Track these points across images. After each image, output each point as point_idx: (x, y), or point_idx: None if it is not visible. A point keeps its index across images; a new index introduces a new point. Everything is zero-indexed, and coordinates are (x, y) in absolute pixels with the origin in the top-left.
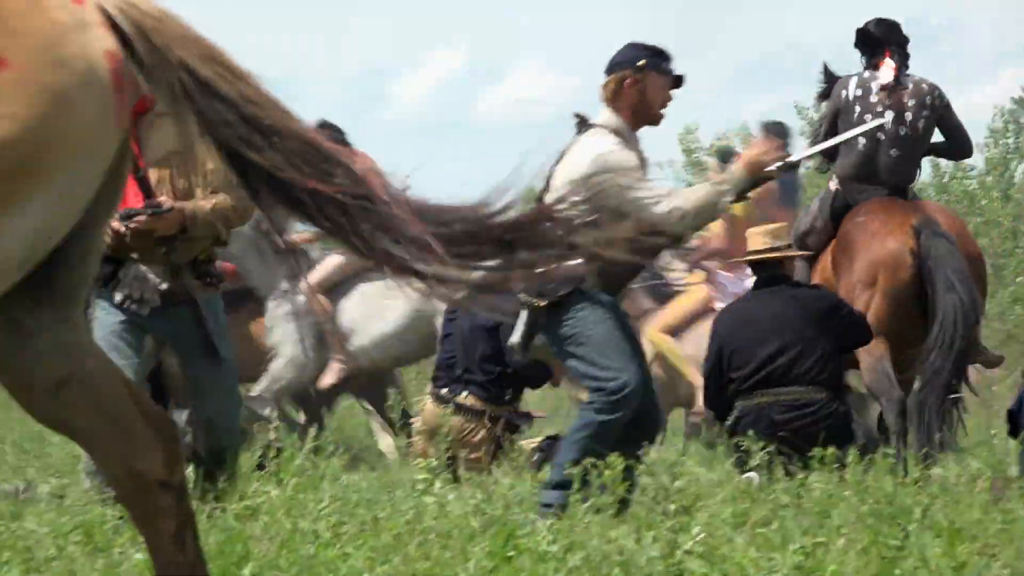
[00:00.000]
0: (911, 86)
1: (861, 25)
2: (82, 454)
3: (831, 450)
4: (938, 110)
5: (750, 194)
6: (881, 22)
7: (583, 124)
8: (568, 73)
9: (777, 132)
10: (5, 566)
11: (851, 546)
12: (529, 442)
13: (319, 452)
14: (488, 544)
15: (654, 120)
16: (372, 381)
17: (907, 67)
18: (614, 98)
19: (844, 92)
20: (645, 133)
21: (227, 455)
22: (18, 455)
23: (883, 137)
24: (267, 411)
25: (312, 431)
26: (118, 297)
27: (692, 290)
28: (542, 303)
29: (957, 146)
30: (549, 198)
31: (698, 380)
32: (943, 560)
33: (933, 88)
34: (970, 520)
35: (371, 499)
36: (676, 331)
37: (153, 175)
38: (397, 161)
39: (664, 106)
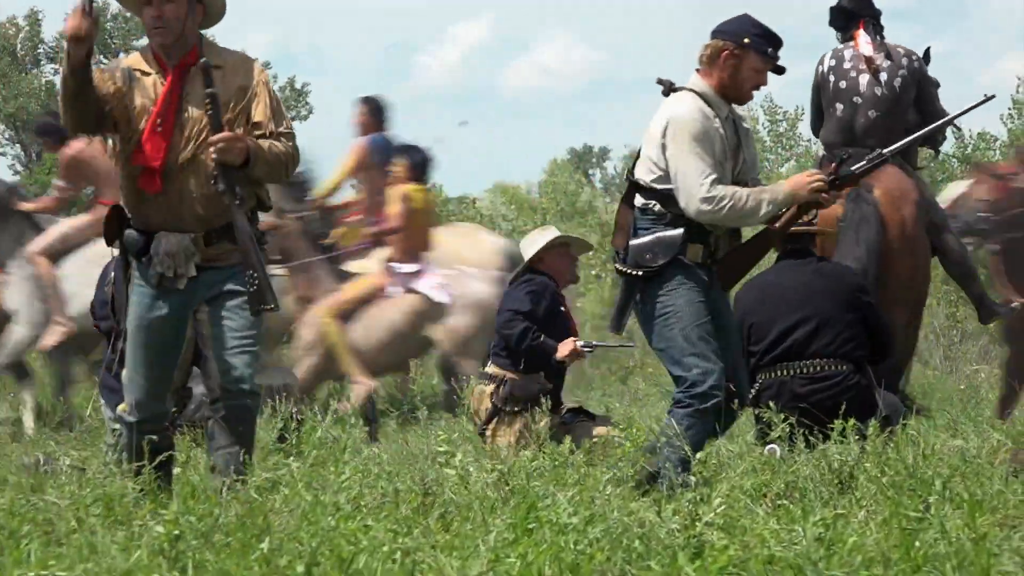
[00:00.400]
0: (886, 50)
1: (834, 3)
2: (103, 426)
3: (851, 422)
4: (915, 73)
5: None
6: None
7: (670, 88)
8: (595, 47)
9: None
10: (25, 539)
11: (872, 518)
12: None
13: (341, 423)
14: (509, 516)
15: (741, 99)
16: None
17: (883, 37)
18: (708, 64)
19: (820, 68)
20: None
21: (249, 414)
22: (39, 428)
23: (859, 101)
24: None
25: (333, 404)
26: (153, 275)
27: (366, 276)
28: (638, 273)
29: (927, 117)
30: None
31: (354, 371)
32: (964, 532)
33: (910, 52)
34: (991, 492)
35: (392, 471)
36: (346, 315)
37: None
38: (424, 131)
39: (756, 88)
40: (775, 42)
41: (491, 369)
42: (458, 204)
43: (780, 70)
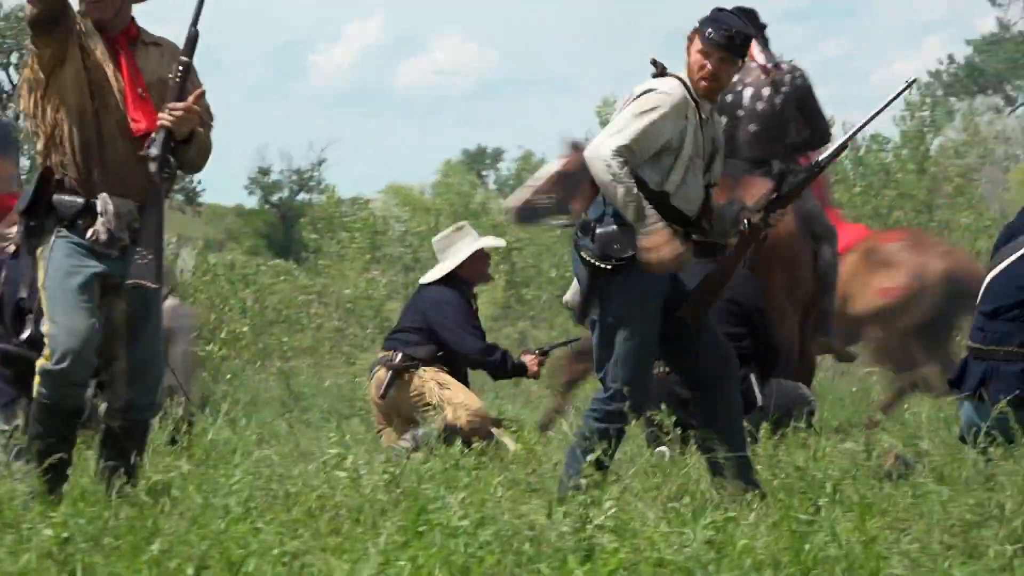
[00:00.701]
0: (774, 62)
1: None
2: None
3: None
4: (799, 90)
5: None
6: (738, 11)
7: (662, 72)
8: (487, 45)
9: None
10: None
11: (762, 520)
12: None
13: (233, 426)
14: (399, 519)
15: (699, 90)
16: None
17: (770, 50)
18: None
19: None
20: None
21: (147, 416)
22: None
23: (742, 113)
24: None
25: (225, 406)
26: (89, 234)
27: None
28: (606, 265)
29: (815, 132)
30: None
31: None
32: (853, 535)
33: (794, 69)
34: (880, 495)
35: (283, 474)
36: None
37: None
38: (319, 132)
39: (705, 79)
40: (717, 24)
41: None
42: (351, 205)
43: (716, 47)
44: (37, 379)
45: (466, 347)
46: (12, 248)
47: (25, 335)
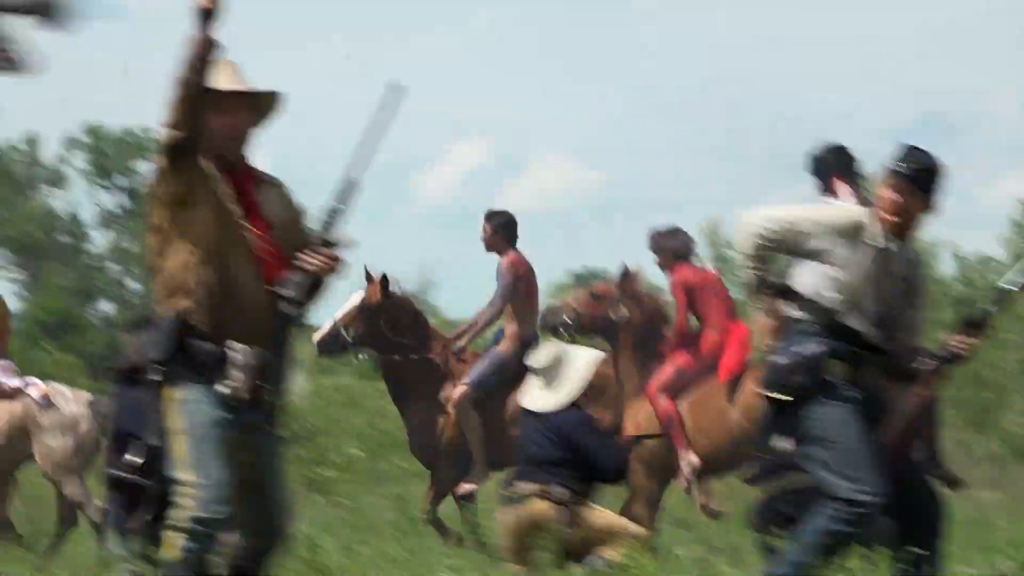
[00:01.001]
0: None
1: (814, 151)
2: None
3: None
4: None
5: None
6: (830, 148)
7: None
8: (593, 167)
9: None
10: None
11: None
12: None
13: (347, 552)
14: None
15: (886, 224)
16: None
17: (863, 187)
18: None
19: None
20: None
21: (272, 555)
22: None
23: None
24: None
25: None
26: (225, 385)
27: None
28: (782, 397)
29: None
30: None
31: None
32: None
33: None
34: None
35: None
36: None
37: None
38: (425, 253)
39: (886, 209)
40: (905, 158)
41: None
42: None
43: (903, 178)
44: (175, 533)
45: (616, 464)
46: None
47: (128, 457)
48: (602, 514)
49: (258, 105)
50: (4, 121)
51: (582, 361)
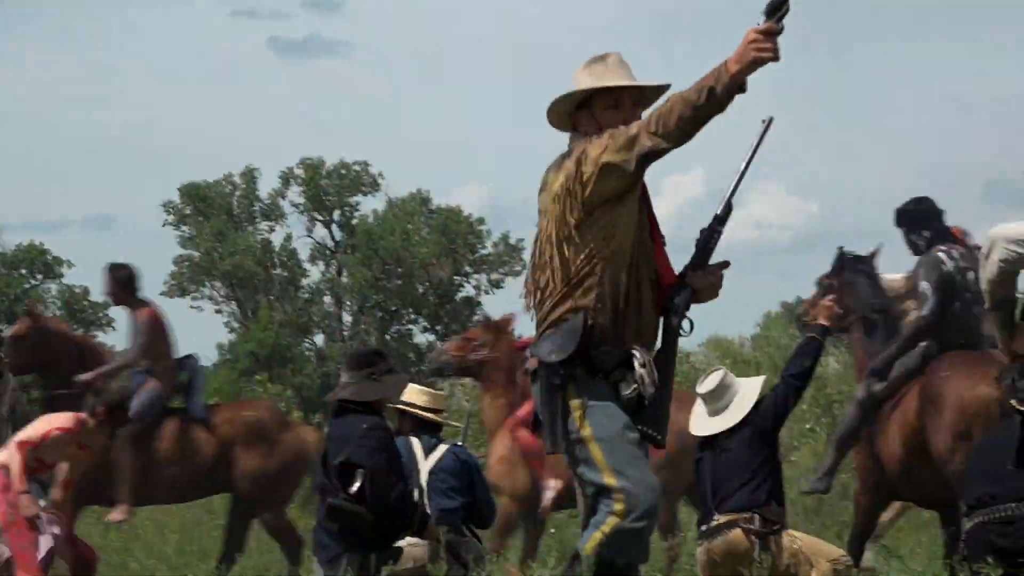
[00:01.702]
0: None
1: (901, 207)
2: None
3: None
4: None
5: None
6: (921, 200)
7: None
8: (808, 198)
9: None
10: None
11: None
12: None
13: None
14: None
15: None
16: None
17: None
18: None
19: (942, 266)
20: None
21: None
22: None
23: (969, 296)
24: None
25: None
26: (627, 387)
27: None
28: None
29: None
30: None
31: None
32: None
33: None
34: None
35: None
36: None
37: None
38: None
39: None
40: None
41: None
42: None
43: None
44: (602, 538)
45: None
46: None
47: (355, 489)
48: (799, 539)
49: (644, 100)
50: (221, 155)
51: (747, 384)
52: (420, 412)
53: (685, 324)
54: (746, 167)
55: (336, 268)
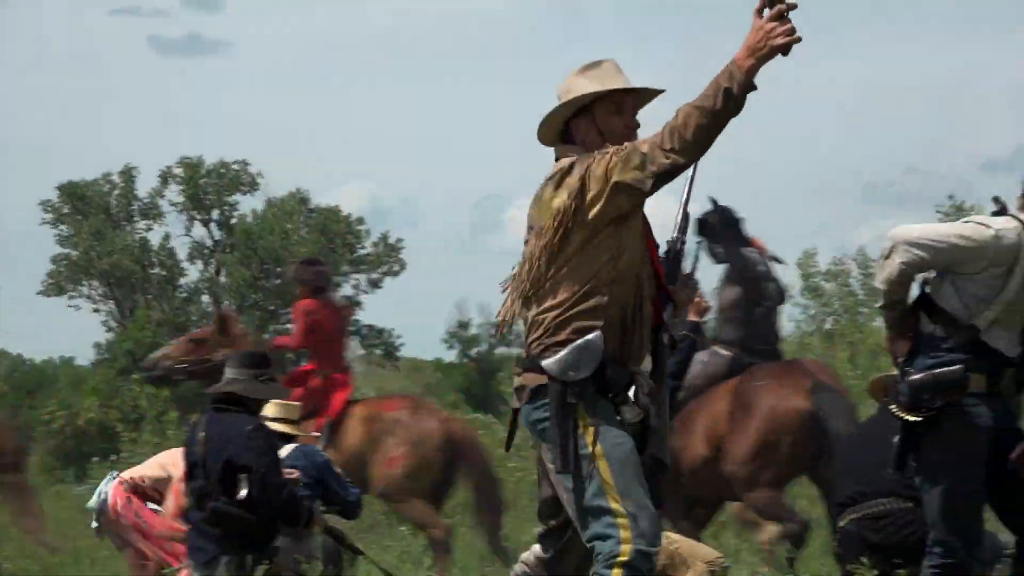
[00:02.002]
0: None
1: (702, 215)
2: None
3: None
4: None
5: None
6: (721, 209)
7: (1002, 211)
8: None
9: None
10: None
11: None
12: None
13: None
14: None
15: None
16: None
17: None
18: None
19: (758, 266)
20: None
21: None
22: None
23: None
24: None
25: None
26: (628, 411)
27: None
28: (915, 417)
29: None
30: None
31: None
32: None
33: None
34: None
35: None
36: None
37: None
38: None
39: None
40: None
41: None
42: None
43: None
44: (620, 571)
45: None
46: None
47: (242, 494)
48: (676, 541)
49: (639, 103)
50: (99, 153)
51: None
52: (272, 423)
53: (667, 339)
54: (694, 173)
55: (215, 267)
